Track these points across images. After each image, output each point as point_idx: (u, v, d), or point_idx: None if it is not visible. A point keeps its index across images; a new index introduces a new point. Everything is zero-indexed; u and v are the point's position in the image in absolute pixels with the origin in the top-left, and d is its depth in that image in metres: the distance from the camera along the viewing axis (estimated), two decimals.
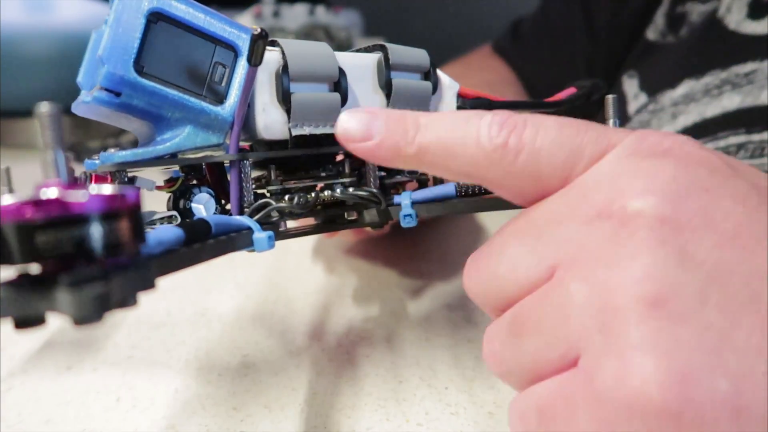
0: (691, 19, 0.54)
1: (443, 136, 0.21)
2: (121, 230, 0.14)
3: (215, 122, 0.23)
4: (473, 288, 0.22)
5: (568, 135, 0.20)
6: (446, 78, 0.28)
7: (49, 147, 0.14)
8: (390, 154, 0.21)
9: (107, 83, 0.21)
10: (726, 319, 0.17)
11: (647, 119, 0.52)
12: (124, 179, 0.22)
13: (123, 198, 0.14)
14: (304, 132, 0.24)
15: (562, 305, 0.18)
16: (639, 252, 0.17)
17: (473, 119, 0.21)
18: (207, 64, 0.23)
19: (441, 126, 0.21)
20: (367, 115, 0.21)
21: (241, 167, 0.24)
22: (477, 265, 0.22)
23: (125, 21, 0.21)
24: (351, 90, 0.26)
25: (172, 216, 0.23)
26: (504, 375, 0.21)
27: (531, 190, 0.21)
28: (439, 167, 0.21)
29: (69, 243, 0.13)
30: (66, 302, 0.13)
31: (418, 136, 0.21)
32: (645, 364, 0.16)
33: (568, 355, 0.18)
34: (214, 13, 0.23)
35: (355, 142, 0.21)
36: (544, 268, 0.19)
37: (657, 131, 0.20)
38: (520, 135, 0.20)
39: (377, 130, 0.21)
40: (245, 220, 0.22)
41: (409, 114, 0.21)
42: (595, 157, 0.20)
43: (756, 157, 0.44)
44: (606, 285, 0.18)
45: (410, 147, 0.21)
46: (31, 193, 0.14)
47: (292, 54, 0.24)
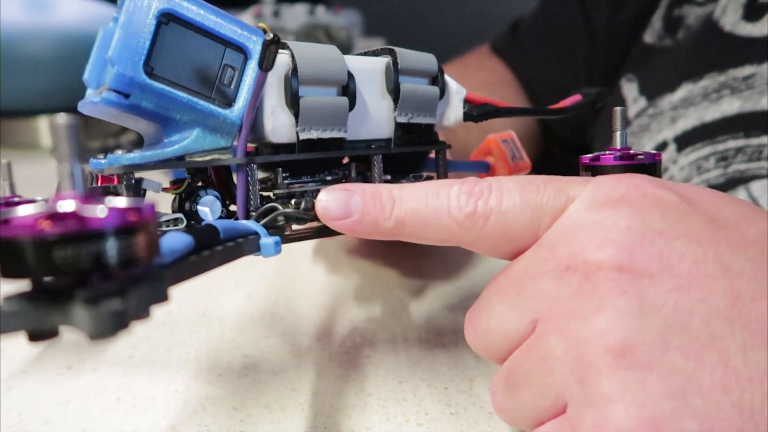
0: (688, 22, 0.54)
1: (417, 209, 0.22)
2: (137, 245, 0.14)
3: (224, 125, 0.23)
4: (473, 343, 0.23)
5: (529, 194, 0.21)
6: (454, 83, 0.28)
7: (65, 159, 0.14)
8: (369, 229, 0.22)
9: (116, 84, 0.21)
10: (689, 361, 0.18)
11: (647, 123, 0.52)
12: (130, 181, 0.22)
13: (139, 212, 0.14)
14: (311, 136, 0.24)
15: (544, 358, 0.20)
16: (603, 304, 0.19)
17: (443, 190, 0.22)
18: (216, 67, 0.23)
19: (415, 199, 0.22)
20: (344, 193, 0.22)
21: (248, 171, 0.24)
22: (472, 322, 0.23)
23: (136, 22, 0.21)
24: (359, 94, 0.26)
25: (178, 218, 0.23)
26: (513, 423, 0.22)
27: (505, 248, 0.22)
28: (416, 237, 0.23)
29: (86, 258, 0.13)
30: (82, 318, 0.13)
31: (395, 210, 0.22)
32: (617, 412, 0.18)
33: (558, 403, 0.20)
34: (224, 14, 0.23)
35: (335, 220, 0.22)
36: (527, 322, 0.21)
37: (613, 177, 0.22)
38: (486, 201, 0.21)
39: (355, 207, 0.22)
40: (252, 225, 0.22)
41: (384, 188, 0.23)
42: (558, 211, 0.21)
43: (754, 161, 0.44)
44: (578, 338, 0.19)
45: (388, 222, 0.22)
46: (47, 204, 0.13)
47: (301, 57, 0.24)
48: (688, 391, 0.17)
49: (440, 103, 0.28)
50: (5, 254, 0.13)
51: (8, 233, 0.13)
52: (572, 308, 0.19)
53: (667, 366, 0.18)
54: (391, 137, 0.27)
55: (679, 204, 0.20)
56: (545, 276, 0.20)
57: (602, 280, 0.19)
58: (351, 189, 0.23)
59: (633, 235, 0.19)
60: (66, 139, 0.14)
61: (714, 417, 0.17)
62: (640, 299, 0.18)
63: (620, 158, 0.24)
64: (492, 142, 0.31)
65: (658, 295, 0.18)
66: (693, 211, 0.20)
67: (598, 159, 0.24)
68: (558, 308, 0.20)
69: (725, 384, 0.17)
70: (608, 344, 0.18)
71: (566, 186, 0.22)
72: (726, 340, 0.18)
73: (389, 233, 0.23)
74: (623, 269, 0.19)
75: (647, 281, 0.19)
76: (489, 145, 0.31)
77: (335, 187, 0.23)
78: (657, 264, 0.19)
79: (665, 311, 0.18)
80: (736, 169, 0.45)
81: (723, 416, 0.17)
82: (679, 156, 0.49)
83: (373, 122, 0.26)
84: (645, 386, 0.18)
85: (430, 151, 0.29)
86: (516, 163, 0.31)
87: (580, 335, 0.19)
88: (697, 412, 0.17)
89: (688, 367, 0.18)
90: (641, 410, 0.17)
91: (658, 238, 0.19)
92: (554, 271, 0.20)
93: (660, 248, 0.19)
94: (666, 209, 0.20)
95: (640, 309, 0.18)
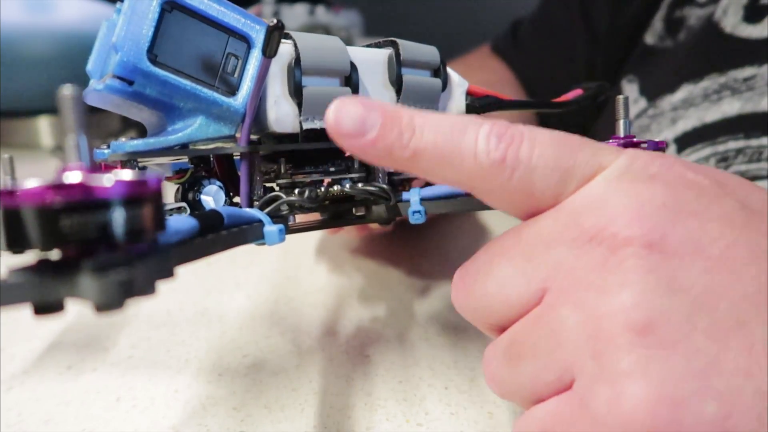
0: (689, 23, 0.54)
1: (440, 143, 0.20)
2: (143, 216, 0.14)
3: (227, 114, 0.23)
4: (462, 305, 0.22)
5: (563, 154, 0.20)
6: (456, 76, 0.28)
7: (72, 130, 0.14)
8: (382, 155, 0.20)
9: (120, 71, 0.21)
10: (714, 343, 0.17)
11: (647, 124, 0.53)
12: (134, 169, 0.22)
13: (146, 183, 0.14)
14: (315, 126, 0.24)
15: (555, 331, 0.19)
16: (628, 280, 0.18)
17: (471, 128, 0.20)
18: (220, 55, 0.23)
19: (438, 131, 0.20)
20: (360, 108, 0.20)
21: (251, 160, 0.23)
22: (465, 281, 0.22)
23: (140, 9, 0.21)
24: (362, 85, 0.26)
25: (182, 207, 0.23)
26: (506, 396, 0.21)
27: (522, 205, 0.21)
28: (431, 173, 0.21)
29: (93, 228, 0.13)
30: (89, 288, 0.13)
31: (414, 139, 0.20)
32: (635, 390, 0.17)
33: (564, 378, 0.19)
34: (228, 3, 0.23)
35: (346, 138, 0.20)
36: (534, 290, 0.20)
37: (647, 152, 0.20)
38: (517, 151, 0.20)
39: (371, 125, 0.20)
40: (256, 213, 0.22)
41: (405, 112, 0.20)
42: (587, 177, 0.20)
43: (754, 162, 0.44)
44: (597, 312, 0.18)
45: (405, 151, 0.20)
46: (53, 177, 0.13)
47: (305, 47, 0.24)
48: (710, 373, 0.17)
49: (442, 95, 0.28)
50: (11, 225, 0.13)
51: (14, 203, 0.13)
52: (592, 281, 0.19)
53: (691, 347, 0.17)
54: None
55: (711, 187, 0.20)
56: (563, 244, 0.19)
57: (630, 256, 0.18)
58: (369, 105, 0.20)
59: (668, 213, 0.18)
60: (72, 110, 0.14)
61: (735, 401, 0.17)
62: (668, 279, 0.18)
63: (624, 146, 0.24)
64: None
65: (688, 276, 0.18)
66: (726, 194, 0.20)
67: None
68: (574, 279, 0.19)
69: (748, 369, 0.17)
70: (631, 321, 0.18)
71: (600, 152, 0.20)
72: (752, 325, 0.17)
73: (403, 164, 0.20)
74: (654, 248, 0.18)
75: (678, 262, 0.18)
76: None
77: (352, 97, 0.20)
78: (689, 245, 0.18)
79: (693, 293, 0.18)
80: (737, 170, 0.45)
81: (744, 401, 0.17)
82: (679, 157, 0.49)
83: None
84: (666, 366, 0.17)
85: None
86: None
87: (599, 309, 0.18)
88: (718, 395, 0.17)
89: (711, 350, 0.17)
90: (661, 389, 0.17)
91: (692, 219, 0.19)
92: (575, 241, 0.19)
93: (692, 229, 0.18)
94: (700, 191, 0.19)
95: (668, 288, 0.18)
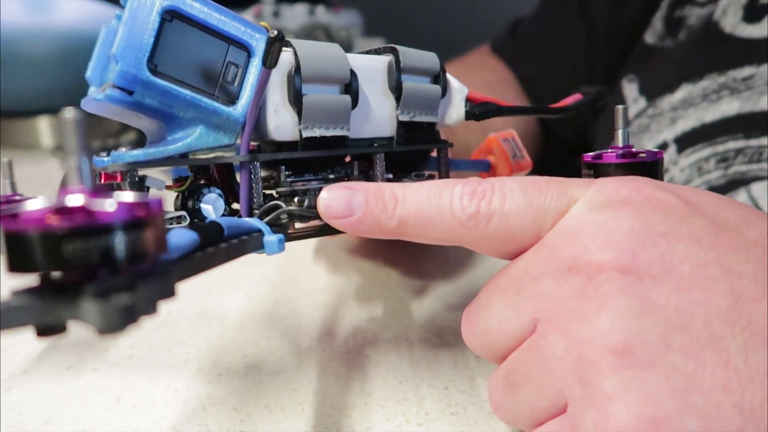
0: (689, 23, 0.54)
1: (420, 209, 0.22)
2: (145, 239, 0.14)
3: (227, 123, 0.23)
4: (471, 342, 0.23)
5: (532, 196, 0.21)
6: (455, 82, 0.28)
7: (74, 153, 0.14)
8: (372, 228, 0.22)
9: (120, 81, 0.21)
10: (690, 360, 0.18)
11: (646, 123, 0.53)
12: (134, 178, 0.22)
13: (147, 206, 0.14)
14: (314, 134, 0.24)
15: (545, 358, 0.20)
16: (605, 304, 0.19)
17: (446, 190, 0.22)
18: (220, 64, 0.23)
19: (417, 199, 0.22)
20: (346, 191, 0.22)
21: (251, 168, 0.23)
22: (470, 320, 0.23)
23: (140, 19, 0.21)
24: (362, 92, 0.26)
25: (182, 216, 0.23)
26: (510, 422, 0.23)
27: (507, 248, 0.22)
28: (418, 236, 0.23)
29: (95, 252, 0.13)
30: (92, 312, 0.13)
31: (398, 209, 0.22)
32: (618, 411, 0.18)
33: (558, 402, 0.20)
34: (228, 12, 0.23)
35: (337, 219, 0.22)
36: (527, 321, 0.21)
37: (616, 179, 0.22)
38: (489, 202, 0.21)
39: (357, 205, 0.22)
40: (256, 223, 0.22)
41: (387, 187, 0.22)
42: (560, 212, 0.21)
43: (754, 162, 0.44)
44: (579, 337, 0.19)
45: (391, 221, 0.22)
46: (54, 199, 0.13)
47: (304, 55, 0.24)
48: (689, 390, 0.18)
49: (442, 101, 0.28)
50: (13, 249, 0.13)
51: (16, 227, 0.13)
52: (574, 308, 0.19)
53: (668, 366, 0.18)
54: (393, 135, 0.27)
55: (680, 206, 0.21)
56: (547, 276, 0.20)
57: (605, 281, 0.19)
58: (353, 187, 0.22)
59: (636, 237, 0.19)
60: (74, 133, 0.14)
61: (715, 416, 0.17)
62: (642, 300, 0.19)
63: (622, 156, 0.24)
64: (493, 141, 0.31)
65: (660, 296, 0.19)
66: (694, 213, 0.20)
67: (601, 157, 0.25)
68: (559, 308, 0.20)
69: (726, 384, 0.18)
70: (610, 344, 0.18)
71: (568, 187, 0.22)
72: (727, 340, 0.18)
73: (392, 232, 0.23)
74: (626, 270, 0.19)
75: (649, 282, 0.19)
76: (490, 144, 0.31)
77: (337, 185, 0.23)
78: (659, 266, 0.19)
79: (667, 312, 0.18)
80: (737, 170, 0.45)
81: (724, 416, 0.17)
82: (679, 157, 0.49)
83: (375, 120, 0.26)
84: (646, 385, 0.18)
85: (432, 149, 0.29)
86: (517, 162, 0.31)
87: (581, 335, 0.19)
88: (698, 412, 0.17)
89: (689, 367, 0.18)
90: (642, 409, 0.18)
91: (661, 240, 0.19)
92: (556, 272, 0.20)
93: (662, 250, 0.19)
94: (668, 212, 0.20)
95: (642, 310, 0.18)
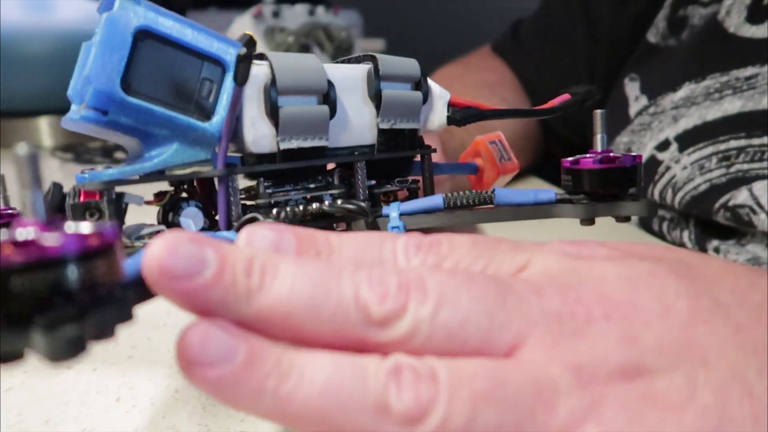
0: (692, 23, 0.54)
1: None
2: (97, 269, 0.14)
3: (203, 138, 0.23)
4: None
5: None
6: (437, 87, 0.28)
7: (27, 187, 0.14)
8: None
9: (94, 102, 0.21)
10: (717, 395, 0.17)
11: (648, 121, 0.52)
12: (111, 196, 0.22)
13: (100, 236, 0.14)
14: (292, 146, 0.24)
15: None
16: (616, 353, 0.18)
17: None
18: (195, 80, 0.23)
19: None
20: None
21: (228, 182, 0.24)
22: None
23: (112, 39, 0.21)
24: (340, 102, 0.26)
25: (160, 231, 0.23)
26: None
27: None
28: None
29: (44, 286, 0.13)
30: (41, 344, 0.13)
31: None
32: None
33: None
34: (201, 28, 0.23)
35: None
36: None
37: (565, 241, 0.21)
38: None
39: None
40: (230, 235, 0.23)
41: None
42: None
43: (756, 161, 0.44)
44: None
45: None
46: (6, 232, 0.14)
47: (280, 68, 0.24)
48: (724, 427, 0.17)
49: (424, 107, 0.28)
50: None
51: None
52: None
53: (699, 405, 0.17)
54: (374, 143, 0.27)
55: (646, 252, 0.20)
56: None
57: (605, 331, 0.18)
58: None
59: (628, 282, 0.19)
60: (27, 169, 0.14)
61: None
62: (657, 341, 0.18)
63: (600, 161, 0.24)
64: (480, 143, 0.31)
65: (673, 335, 0.18)
66: (661, 256, 0.20)
67: (578, 162, 0.25)
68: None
69: (755, 414, 0.17)
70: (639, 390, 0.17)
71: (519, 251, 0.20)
72: (743, 368, 0.18)
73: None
74: (629, 319, 0.18)
75: (658, 323, 0.18)
76: (477, 147, 0.31)
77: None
78: (660, 305, 0.18)
79: (684, 348, 0.18)
80: (739, 168, 0.45)
81: None
82: (681, 155, 0.49)
83: (355, 129, 0.27)
84: (683, 429, 0.17)
85: (415, 155, 0.29)
86: (504, 165, 0.31)
87: None
88: None
89: (719, 402, 0.17)
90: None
91: (651, 279, 0.19)
92: None
93: (657, 289, 0.19)
94: (641, 257, 0.20)
95: (661, 351, 0.18)
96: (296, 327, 0.16)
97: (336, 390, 0.15)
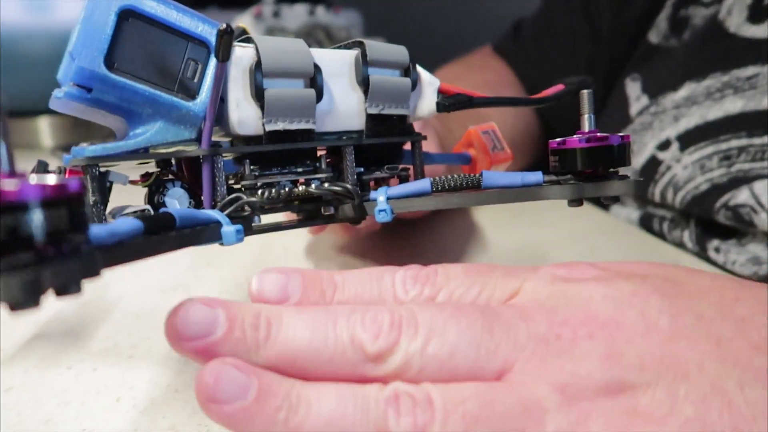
0: (693, 23, 0.54)
1: None
2: (58, 219, 0.14)
3: (187, 117, 0.23)
4: None
5: None
6: (426, 74, 0.28)
7: None
8: None
9: (78, 79, 0.21)
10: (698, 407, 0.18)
11: (649, 121, 0.52)
12: (95, 173, 0.22)
13: (62, 188, 0.14)
14: (278, 127, 0.25)
15: None
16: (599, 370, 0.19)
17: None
18: (179, 60, 0.23)
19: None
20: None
21: (214, 162, 0.24)
22: None
23: (96, 17, 0.22)
24: (327, 86, 0.26)
25: (145, 210, 0.23)
26: None
27: None
28: None
29: (2, 229, 0.13)
30: None
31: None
32: None
33: None
34: (186, 9, 0.23)
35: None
36: None
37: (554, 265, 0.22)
38: None
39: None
40: (214, 214, 0.23)
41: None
42: None
43: (757, 161, 0.44)
44: None
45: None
46: None
47: (265, 50, 0.24)
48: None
49: (413, 94, 0.28)
50: None
51: None
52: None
53: (681, 417, 0.18)
54: (362, 129, 0.27)
55: (635, 270, 0.21)
56: None
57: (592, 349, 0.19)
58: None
59: (613, 302, 0.20)
60: None
61: None
62: (639, 358, 0.19)
63: (587, 140, 0.24)
64: (473, 133, 0.31)
65: (654, 351, 0.19)
66: (647, 274, 0.21)
67: (565, 143, 0.24)
68: None
69: (734, 424, 0.18)
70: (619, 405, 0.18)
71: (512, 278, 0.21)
72: (723, 380, 0.18)
73: None
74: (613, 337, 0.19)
75: (640, 340, 0.19)
76: (470, 137, 0.31)
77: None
78: (642, 323, 0.19)
79: (665, 363, 0.18)
80: (740, 168, 0.45)
81: None
82: (682, 155, 0.49)
83: (343, 114, 0.27)
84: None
85: (405, 142, 0.29)
86: (496, 154, 0.31)
87: None
88: None
89: (699, 414, 0.18)
90: None
91: (635, 299, 0.20)
92: None
93: (640, 308, 0.20)
94: (627, 277, 0.21)
95: (642, 366, 0.18)
96: (302, 369, 0.18)
97: (341, 419, 0.17)
